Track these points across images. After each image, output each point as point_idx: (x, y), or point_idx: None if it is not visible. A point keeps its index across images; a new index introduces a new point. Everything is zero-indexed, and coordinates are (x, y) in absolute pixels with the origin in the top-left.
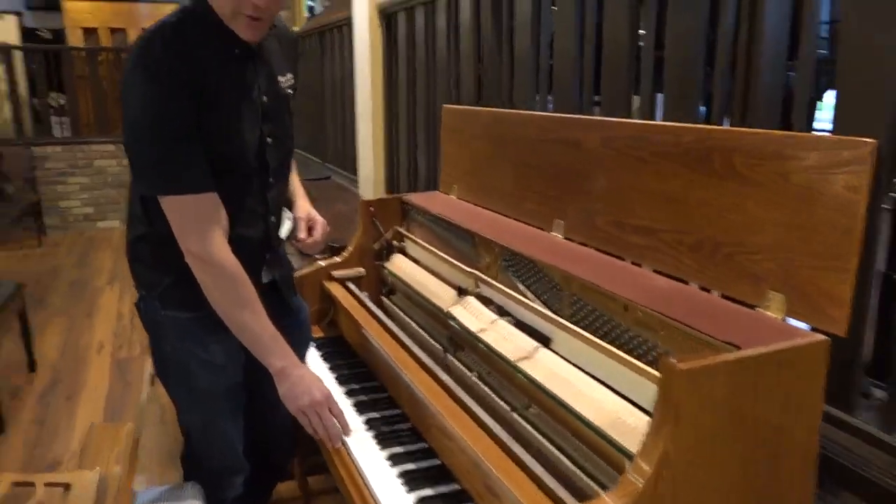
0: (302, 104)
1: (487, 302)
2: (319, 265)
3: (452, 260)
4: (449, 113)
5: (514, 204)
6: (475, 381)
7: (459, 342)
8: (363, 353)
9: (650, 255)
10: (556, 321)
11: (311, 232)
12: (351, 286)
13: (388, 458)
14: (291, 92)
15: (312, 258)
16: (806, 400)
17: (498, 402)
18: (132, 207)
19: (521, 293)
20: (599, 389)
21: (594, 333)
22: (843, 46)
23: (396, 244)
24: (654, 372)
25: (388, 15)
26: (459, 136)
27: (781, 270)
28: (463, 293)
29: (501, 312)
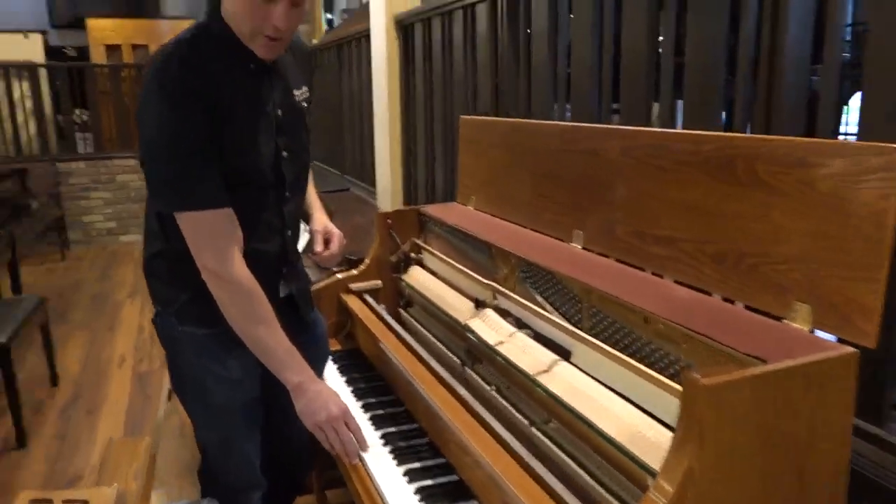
0: (320, 116)
1: (505, 314)
2: (337, 278)
3: (470, 272)
4: (466, 124)
5: (532, 214)
6: (493, 394)
7: (477, 355)
8: (380, 366)
9: (671, 265)
10: (575, 334)
11: (327, 245)
12: (368, 299)
13: (404, 473)
14: (306, 105)
15: (330, 271)
16: (835, 414)
17: (517, 416)
18: (149, 224)
19: (539, 305)
20: (620, 404)
21: (615, 346)
22: (869, 49)
23: (414, 256)
24: (676, 386)
25: (404, 26)
26: (477, 146)
27: (807, 281)
28: (481, 305)
29: (520, 325)
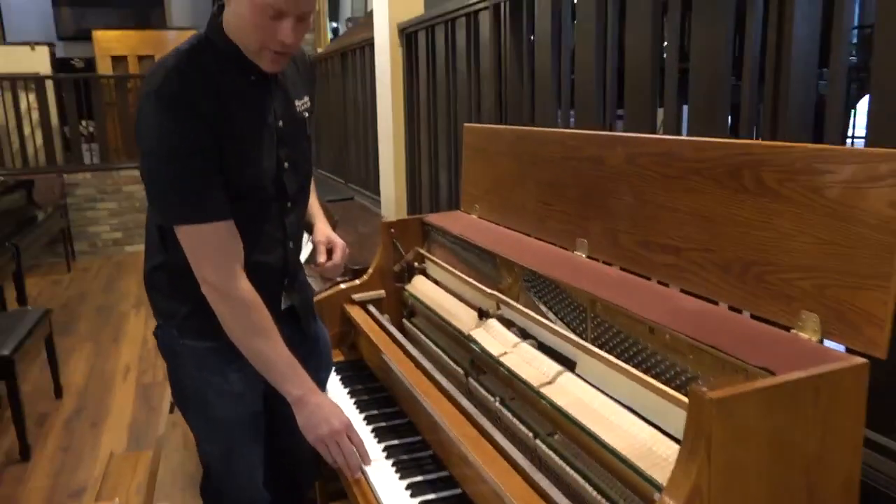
0: (325, 125)
1: (509, 324)
2: (340, 288)
3: (473, 281)
4: (470, 131)
5: (536, 223)
6: (498, 406)
7: (481, 366)
8: (383, 377)
9: (677, 274)
10: (580, 345)
11: (330, 255)
12: (371, 309)
13: (407, 487)
14: (308, 115)
15: (333, 281)
16: (845, 426)
17: (521, 428)
18: (149, 236)
19: (543, 315)
20: (626, 416)
21: (620, 357)
22: (877, 52)
23: (417, 266)
24: (682, 398)
25: (408, 34)
26: (481, 154)
27: (816, 290)
28: (484, 315)
29: (524, 335)
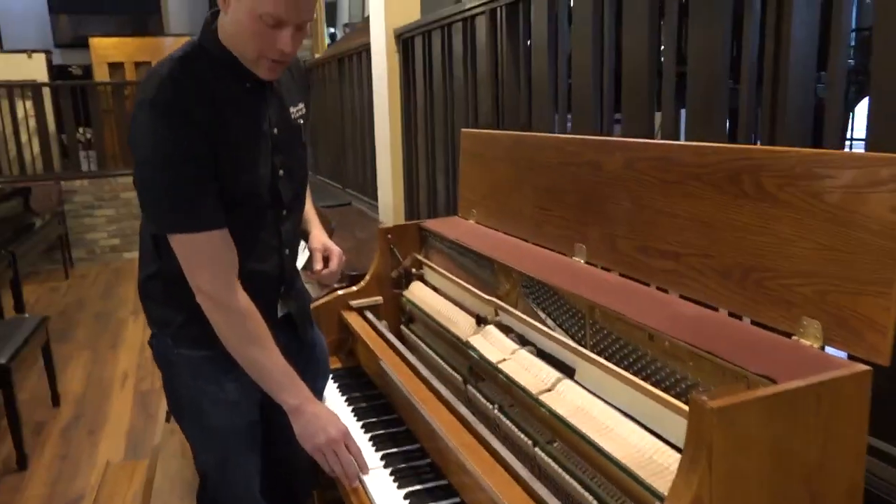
0: (323, 130)
1: (507, 331)
2: (337, 294)
3: (471, 287)
4: (468, 137)
5: (534, 228)
6: (496, 413)
7: (480, 373)
8: (381, 384)
9: (676, 280)
10: (579, 351)
11: (326, 263)
12: (369, 315)
13: (405, 496)
14: (303, 122)
15: (330, 287)
16: (848, 434)
17: (520, 436)
18: (143, 245)
19: (542, 321)
20: (626, 424)
21: (619, 364)
22: (877, 53)
23: (415, 271)
24: (682, 406)
25: (404, 40)
26: (478, 160)
27: (816, 296)
28: (482, 322)
29: (523, 342)
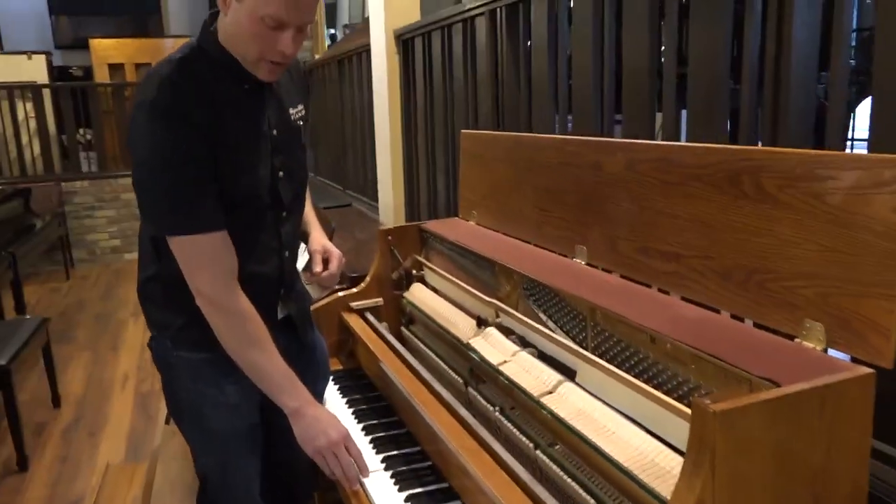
0: (322, 131)
1: (508, 332)
2: (337, 295)
3: (471, 289)
4: (468, 138)
5: (534, 229)
6: (497, 416)
7: (481, 375)
8: (382, 386)
9: (677, 282)
10: (580, 353)
11: (326, 265)
12: (370, 317)
13: (406, 499)
14: (302, 123)
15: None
16: (852, 438)
17: (521, 439)
18: (142, 247)
19: (543, 323)
20: (628, 426)
21: (621, 366)
22: (878, 53)
23: (415, 273)
24: (684, 408)
25: (404, 41)
26: (478, 161)
27: (819, 298)
28: (483, 323)
29: (524, 343)
